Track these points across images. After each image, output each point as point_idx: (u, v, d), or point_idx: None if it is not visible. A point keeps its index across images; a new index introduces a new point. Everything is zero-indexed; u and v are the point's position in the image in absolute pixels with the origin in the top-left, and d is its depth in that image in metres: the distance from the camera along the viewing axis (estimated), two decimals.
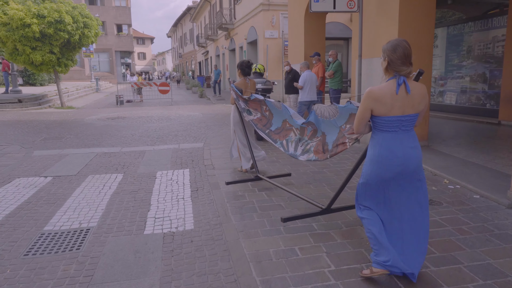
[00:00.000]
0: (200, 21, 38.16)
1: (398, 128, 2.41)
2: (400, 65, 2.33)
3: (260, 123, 4.62)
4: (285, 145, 4.17)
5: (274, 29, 18.07)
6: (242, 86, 5.22)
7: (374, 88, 2.39)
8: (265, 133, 4.46)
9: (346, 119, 3.28)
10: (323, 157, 3.57)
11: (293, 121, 4.14)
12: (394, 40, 2.39)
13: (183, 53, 53.66)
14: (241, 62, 5.42)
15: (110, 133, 9.54)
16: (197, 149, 7.54)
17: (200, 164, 6.37)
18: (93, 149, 7.62)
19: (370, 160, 2.54)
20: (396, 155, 2.42)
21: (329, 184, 5.02)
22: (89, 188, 5.09)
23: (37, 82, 25.58)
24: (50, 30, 14.07)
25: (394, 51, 2.34)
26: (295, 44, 11.16)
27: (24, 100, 15.74)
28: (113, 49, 42.13)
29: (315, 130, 3.74)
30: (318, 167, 5.84)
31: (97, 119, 12.54)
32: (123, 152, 7.36)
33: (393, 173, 2.46)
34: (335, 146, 3.42)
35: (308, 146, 3.83)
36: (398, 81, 2.33)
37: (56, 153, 7.28)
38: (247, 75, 5.42)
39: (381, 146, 2.45)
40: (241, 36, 22.53)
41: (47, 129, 10.28)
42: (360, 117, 2.48)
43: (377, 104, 2.37)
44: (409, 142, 2.44)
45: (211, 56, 35.08)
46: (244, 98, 4.88)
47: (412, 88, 2.36)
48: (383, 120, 2.40)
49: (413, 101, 2.38)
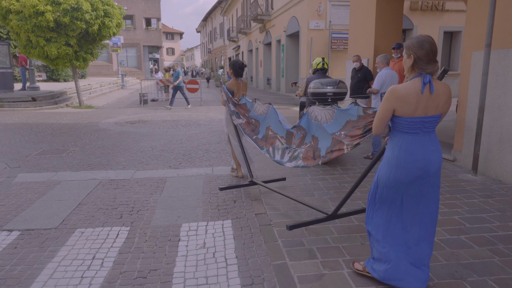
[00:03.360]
0: (231, 14, 36.09)
1: (419, 129, 2.27)
2: (426, 63, 2.21)
3: (248, 128, 4.48)
4: (271, 152, 4.09)
5: (320, 19, 15.67)
6: (233, 87, 4.98)
7: (399, 87, 2.22)
8: (253, 139, 4.36)
9: (341, 126, 3.18)
10: (313, 163, 3.45)
11: (280, 127, 4.06)
12: (419, 36, 2.25)
13: (212, 48, 51.91)
14: (234, 62, 5.09)
15: (125, 145, 7.52)
16: None
17: (247, 206, 4.19)
18: (98, 172, 5.58)
19: (388, 163, 2.38)
20: (417, 158, 2.29)
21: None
22: (69, 263, 3.00)
23: (60, 77, 24.21)
24: (66, 18, 12.26)
25: (421, 47, 2.20)
26: (360, 34, 8.77)
27: (39, 99, 14.08)
28: (141, 43, 40.75)
29: (304, 136, 3.68)
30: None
31: (114, 123, 10.61)
32: (135, 179, 5.28)
33: (412, 177, 2.32)
34: (329, 152, 3.30)
35: (296, 153, 3.75)
36: (423, 80, 2.19)
37: (45, 178, 5.29)
38: (240, 76, 5.11)
39: (401, 149, 2.31)
40: (278, 28, 20.22)
41: (51, 136, 8.39)
42: (381, 118, 2.31)
43: (401, 104, 2.21)
44: (431, 145, 2.31)
45: (242, 51, 32.93)
46: (234, 101, 4.65)
47: (437, 88, 2.23)
48: (405, 121, 2.26)
49: (438, 101, 2.24)
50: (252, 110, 4.49)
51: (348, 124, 3.10)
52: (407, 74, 2.33)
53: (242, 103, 4.59)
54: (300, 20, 16.68)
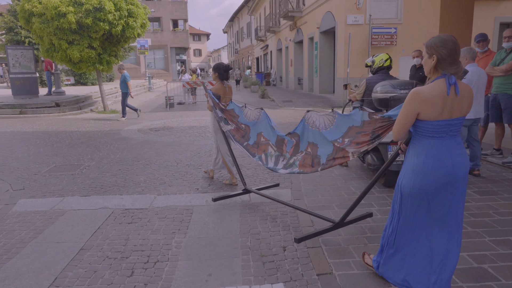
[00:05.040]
0: (259, 13, 35.03)
1: (445, 133, 2.15)
2: (450, 63, 2.08)
3: (237, 134, 4.31)
4: (264, 159, 3.95)
5: (359, 13, 14.31)
6: (220, 92, 4.72)
7: (423, 89, 2.10)
8: (243, 146, 4.21)
9: (342, 132, 3.02)
10: (310, 170, 3.35)
11: (272, 133, 3.90)
12: (442, 35, 2.13)
13: (239, 48, 51.05)
14: (218, 64, 4.85)
15: (146, 159, 6.57)
16: (283, 207, 4.23)
17: (302, 257, 3.06)
18: (111, 198, 4.62)
19: (413, 170, 2.23)
20: (445, 164, 2.15)
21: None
22: None
23: (88, 81, 23.94)
24: (88, 20, 11.54)
25: (444, 46, 2.08)
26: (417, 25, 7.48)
27: (62, 104, 13.50)
28: (169, 45, 40.41)
29: (297, 143, 3.55)
30: None
31: (137, 130, 9.74)
32: (155, 209, 4.26)
33: (440, 184, 2.18)
34: (330, 160, 3.17)
35: (291, 161, 3.60)
36: (449, 81, 2.08)
37: (48, 207, 4.36)
38: (225, 80, 4.88)
39: (427, 154, 2.17)
40: (311, 25, 18.96)
41: (68, 148, 7.57)
42: (403, 123, 2.19)
43: (427, 107, 2.09)
44: (457, 149, 2.19)
45: (271, 51, 31.80)
46: (221, 106, 4.44)
47: (461, 89, 2.12)
48: (431, 125, 2.13)
49: (462, 103, 2.14)
50: (242, 115, 4.30)
51: (351, 130, 2.94)
52: (428, 75, 2.20)
53: (230, 109, 4.39)
54: (336, 15, 15.37)
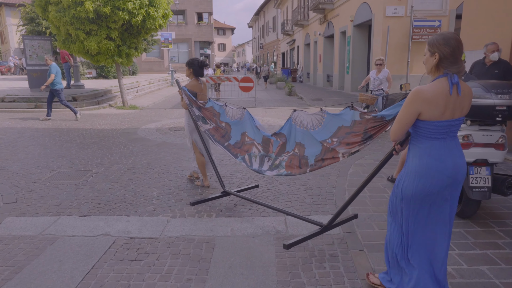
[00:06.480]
0: (286, 6, 33.83)
1: (446, 134, 2.09)
2: (452, 62, 2.02)
3: (217, 133, 4.02)
4: (248, 160, 3.74)
5: (399, 4, 13.05)
6: (196, 89, 4.44)
7: (425, 88, 2.02)
8: (224, 146, 3.94)
9: (332, 132, 2.93)
10: (298, 172, 3.24)
11: (257, 133, 3.71)
12: (444, 33, 2.06)
13: (264, 43, 49.94)
14: (192, 60, 4.55)
15: (162, 165, 5.69)
16: (331, 244, 3.25)
17: None
18: (114, 221, 3.74)
19: (415, 172, 2.14)
20: (447, 166, 2.10)
21: None
22: None
23: (110, 74, 23.41)
24: (107, 8, 10.78)
25: (447, 44, 2.00)
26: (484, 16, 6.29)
27: (80, 98, 12.85)
28: (193, 39, 39.75)
29: (283, 143, 3.39)
30: None
31: (155, 129, 8.93)
32: (167, 239, 3.35)
33: (442, 186, 2.12)
34: (319, 160, 3.06)
35: (277, 162, 3.46)
36: (451, 80, 2.01)
37: (38, 230, 3.53)
38: (200, 76, 4.58)
39: (430, 156, 2.10)
40: (344, 18, 17.72)
41: (77, 149, 6.80)
42: (403, 123, 2.11)
43: (429, 107, 2.02)
44: (457, 150, 2.15)
45: (298, 46, 30.59)
46: (199, 104, 4.13)
47: (463, 89, 2.06)
48: (433, 125, 2.06)
49: (464, 103, 2.08)
50: (223, 113, 4.00)
51: (341, 131, 2.84)
52: (429, 74, 2.13)
53: (208, 106, 4.10)
54: (373, 6, 14.12)
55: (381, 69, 7.90)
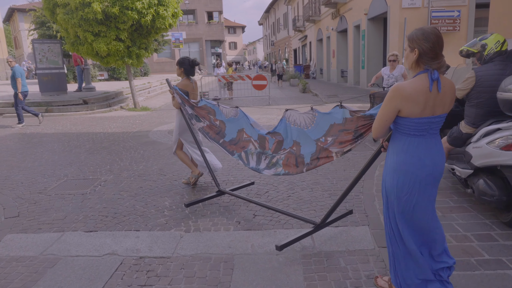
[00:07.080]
0: (296, 2, 33.27)
1: (426, 131, 2.05)
2: (432, 58, 1.97)
3: (211, 131, 4.03)
4: (244, 157, 3.72)
5: None
6: (187, 88, 4.42)
7: (404, 85, 1.99)
8: (219, 143, 3.94)
9: (324, 131, 2.93)
10: (296, 171, 3.21)
11: (252, 131, 3.65)
12: (424, 28, 2.01)
13: (275, 40, 49.43)
14: (182, 59, 4.49)
15: (175, 171, 5.36)
16: (366, 262, 2.85)
17: None
18: (122, 237, 3.41)
19: (393, 170, 2.12)
20: (425, 163, 2.06)
21: None
22: None
23: (121, 76, 23.31)
24: (115, 9, 10.52)
25: (426, 40, 1.96)
26: None
27: (90, 101, 12.67)
28: (204, 38, 39.51)
29: (280, 141, 3.36)
30: None
31: (167, 131, 8.62)
32: (180, 259, 2.99)
33: (422, 183, 2.08)
34: (314, 159, 3.06)
35: (274, 160, 3.44)
36: (431, 76, 1.96)
37: (39, 250, 3.22)
38: (191, 75, 4.55)
39: (407, 153, 2.07)
40: (357, 12, 17.17)
41: (87, 154, 6.53)
42: (384, 120, 2.08)
43: (409, 104, 1.97)
44: (437, 147, 2.10)
45: (310, 42, 30.04)
46: (192, 103, 4.11)
47: (444, 85, 2.01)
48: (412, 122, 2.02)
49: (445, 99, 2.03)
50: (218, 110, 3.95)
51: (333, 128, 2.85)
52: (410, 70, 2.09)
53: (202, 105, 4.07)
54: None
55: (395, 66, 7.30)
